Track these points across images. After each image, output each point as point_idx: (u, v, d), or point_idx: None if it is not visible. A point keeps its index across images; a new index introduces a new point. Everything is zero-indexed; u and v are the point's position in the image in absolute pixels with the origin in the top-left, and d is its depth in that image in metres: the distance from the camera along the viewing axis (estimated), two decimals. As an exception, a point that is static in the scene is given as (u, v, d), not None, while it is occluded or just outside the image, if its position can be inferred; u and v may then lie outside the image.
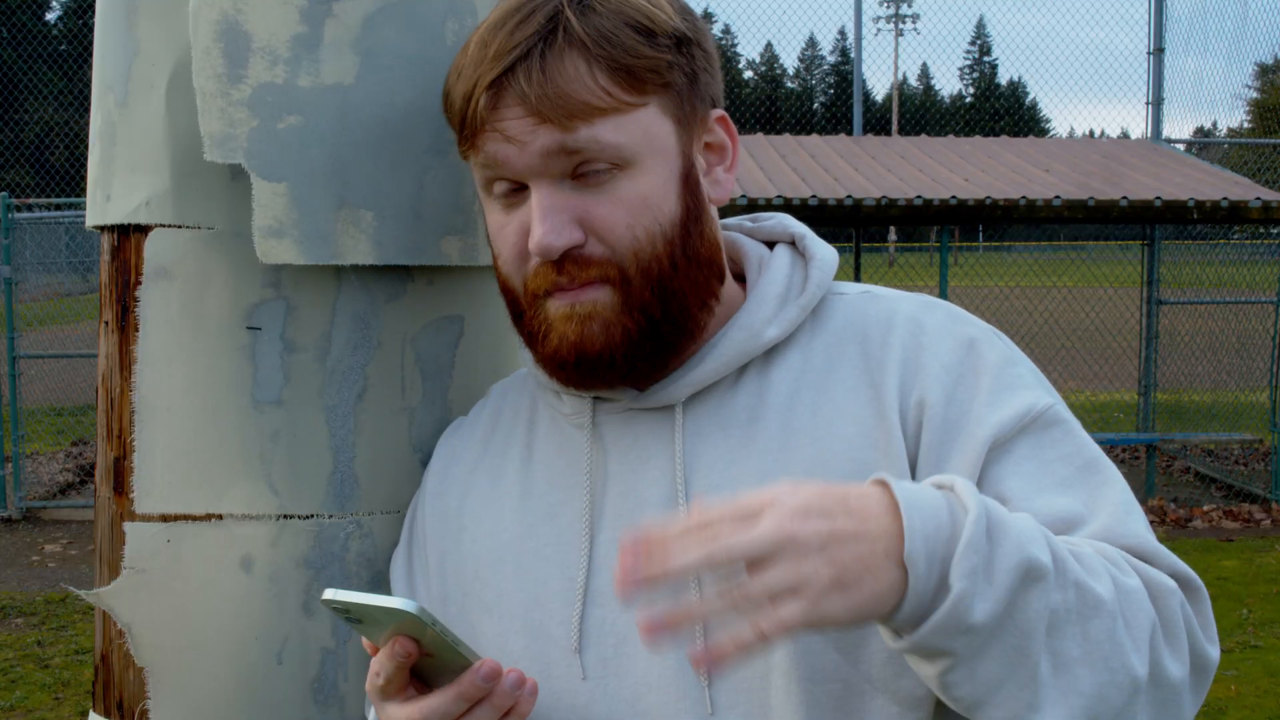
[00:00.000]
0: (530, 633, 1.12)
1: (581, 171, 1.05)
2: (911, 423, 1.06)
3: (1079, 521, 1.00)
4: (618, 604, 1.09)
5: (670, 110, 1.08)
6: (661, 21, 1.06)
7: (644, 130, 1.06)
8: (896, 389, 1.07)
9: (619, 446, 1.14)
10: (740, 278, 1.20)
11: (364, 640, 1.01)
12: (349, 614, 0.95)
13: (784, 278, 1.15)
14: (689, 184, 1.10)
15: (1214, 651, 0.98)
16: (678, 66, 1.08)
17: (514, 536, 1.16)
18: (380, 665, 0.98)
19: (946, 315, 1.13)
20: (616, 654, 1.09)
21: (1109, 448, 10.43)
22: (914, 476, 1.04)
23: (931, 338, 1.10)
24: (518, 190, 1.08)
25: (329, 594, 0.94)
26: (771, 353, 1.13)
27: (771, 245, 1.21)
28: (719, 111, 1.15)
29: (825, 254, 1.17)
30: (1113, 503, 1.01)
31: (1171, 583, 0.96)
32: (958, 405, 1.05)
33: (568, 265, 1.06)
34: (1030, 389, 1.07)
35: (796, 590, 0.82)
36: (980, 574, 0.84)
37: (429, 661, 0.98)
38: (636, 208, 1.06)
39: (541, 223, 1.04)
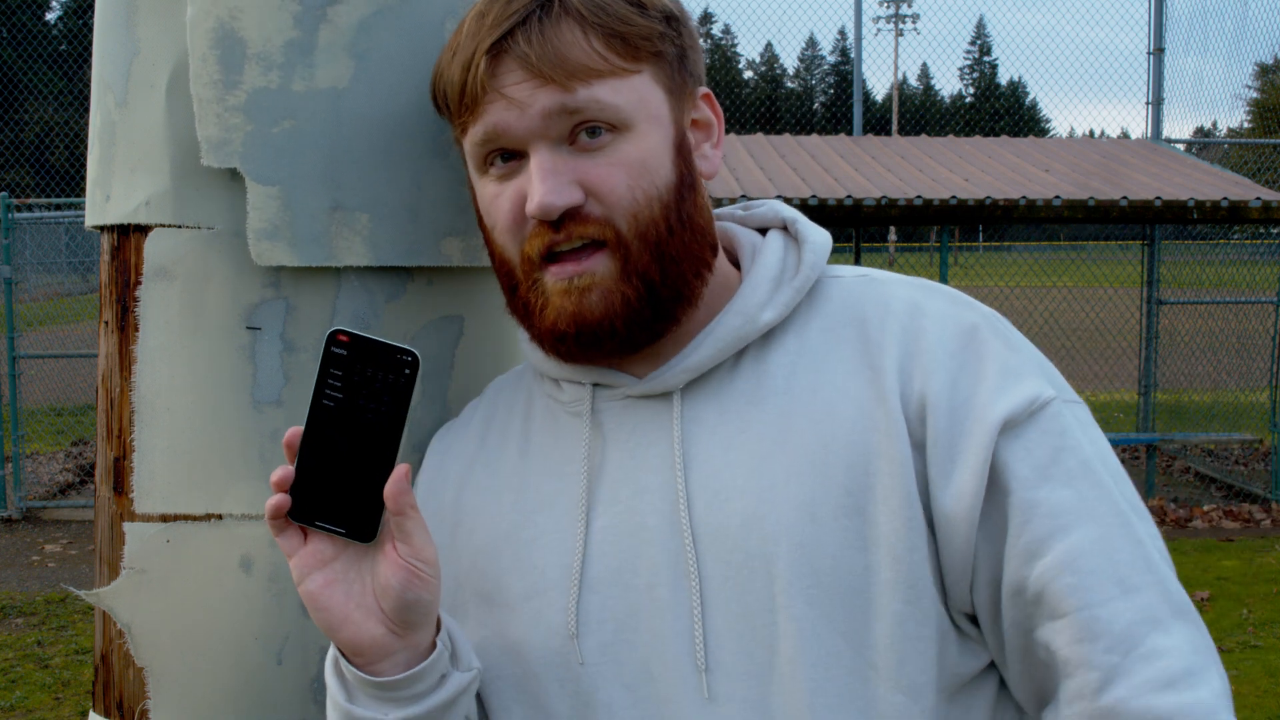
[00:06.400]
0: (529, 621, 1.12)
1: (579, 136, 1.08)
2: (915, 407, 1.06)
3: (1074, 523, 1.02)
4: (615, 590, 1.09)
5: (662, 80, 1.12)
6: None
7: (639, 96, 1.09)
8: (896, 372, 1.07)
9: (618, 434, 1.14)
10: (735, 265, 1.21)
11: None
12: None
13: (777, 261, 1.16)
14: (682, 152, 1.13)
15: None
16: (668, 38, 1.12)
17: (511, 526, 1.16)
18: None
19: (947, 299, 1.13)
20: (616, 640, 1.09)
21: (1109, 448, 10.40)
22: (924, 463, 1.05)
23: (932, 321, 1.10)
24: (511, 160, 1.10)
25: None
26: (768, 336, 1.14)
27: (764, 232, 1.22)
28: (705, 89, 1.18)
29: (818, 237, 1.18)
30: (1111, 512, 1.03)
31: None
32: (963, 392, 1.06)
33: (567, 223, 1.08)
34: (1034, 377, 1.08)
35: None
36: None
37: None
38: (635, 170, 1.08)
39: (542, 183, 1.06)
